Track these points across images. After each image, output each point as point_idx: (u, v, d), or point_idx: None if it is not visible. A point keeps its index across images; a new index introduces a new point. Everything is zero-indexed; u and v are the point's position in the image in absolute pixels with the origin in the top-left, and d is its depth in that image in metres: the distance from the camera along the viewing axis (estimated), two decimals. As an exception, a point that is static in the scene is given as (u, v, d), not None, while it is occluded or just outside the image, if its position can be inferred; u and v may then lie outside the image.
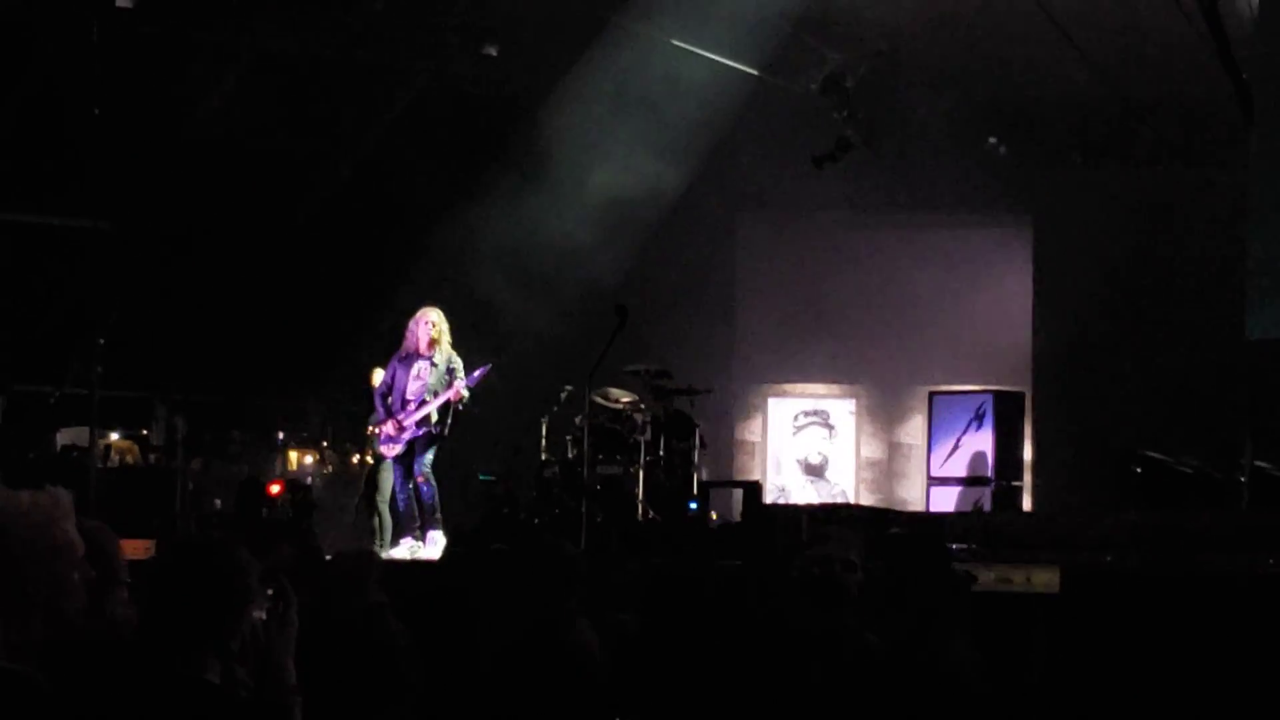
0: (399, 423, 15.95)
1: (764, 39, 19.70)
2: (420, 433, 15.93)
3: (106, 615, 5.66)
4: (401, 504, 16.16)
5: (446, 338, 16.01)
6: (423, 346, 15.94)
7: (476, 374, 15.90)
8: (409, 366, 16.02)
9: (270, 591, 5.54)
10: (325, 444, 20.56)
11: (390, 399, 16.10)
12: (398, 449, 16.04)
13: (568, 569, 7.77)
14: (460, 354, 16.04)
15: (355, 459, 17.54)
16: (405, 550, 15.76)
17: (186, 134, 19.51)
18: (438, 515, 15.92)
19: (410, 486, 16.02)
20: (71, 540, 4.71)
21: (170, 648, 4.80)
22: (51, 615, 4.64)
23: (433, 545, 15.70)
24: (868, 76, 20.12)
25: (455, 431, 16.11)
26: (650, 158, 20.38)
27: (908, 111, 21.04)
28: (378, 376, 17.09)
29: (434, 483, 15.92)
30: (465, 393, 15.76)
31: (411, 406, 15.90)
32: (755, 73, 19.98)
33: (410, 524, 16.00)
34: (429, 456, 15.93)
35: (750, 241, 23.11)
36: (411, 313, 16.24)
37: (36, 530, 4.62)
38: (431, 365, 15.91)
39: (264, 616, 5.49)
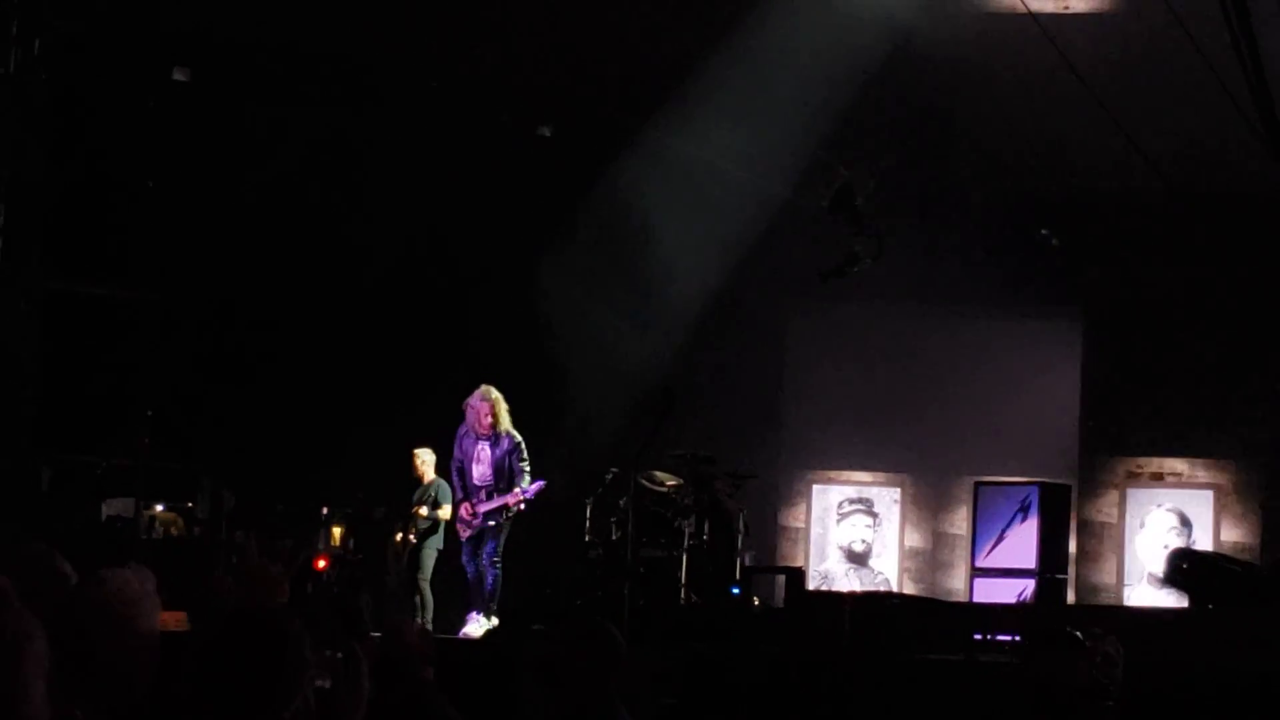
0: (473, 508, 16.19)
1: (785, 152, 19.96)
2: (491, 524, 16.19)
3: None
4: (470, 577, 16.33)
5: (505, 415, 16.21)
6: (482, 427, 16.15)
7: (532, 489, 16.14)
8: (472, 447, 16.29)
9: (340, 655, 5.51)
10: (368, 520, 20.59)
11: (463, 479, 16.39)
12: (469, 533, 16.30)
13: (611, 651, 7.76)
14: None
15: (399, 536, 17.57)
16: (475, 627, 15.88)
17: (238, 205, 19.64)
18: (493, 605, 16.07)
19: (476, 567, 16.26)
20: (154, 628, 4.68)
21: None
22: (122, 695, 4.62)
23: (477, 625, 15.77)
24: (880, 190, 20.21)
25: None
26: (700, 243, 20.51)
27: (957, 202, 21.09)
28: (421, 457, 17.26)
29: (499, 570, 16.13)
30: (523, 505, 16.04)
31: (481, 495, 16.15)
32: (770, 189, 20.24)
33: (478, 601, 16.16)
34: (497, 544, 16.15)
35: (799, 328, 23.11)
36: (464, 391, 16.41)
37: (122, 614, 4.60)
38: (492, 446, 16.11)
39: (328, 684, 5.46)
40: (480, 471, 16.10)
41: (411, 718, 8.14)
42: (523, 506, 16.20)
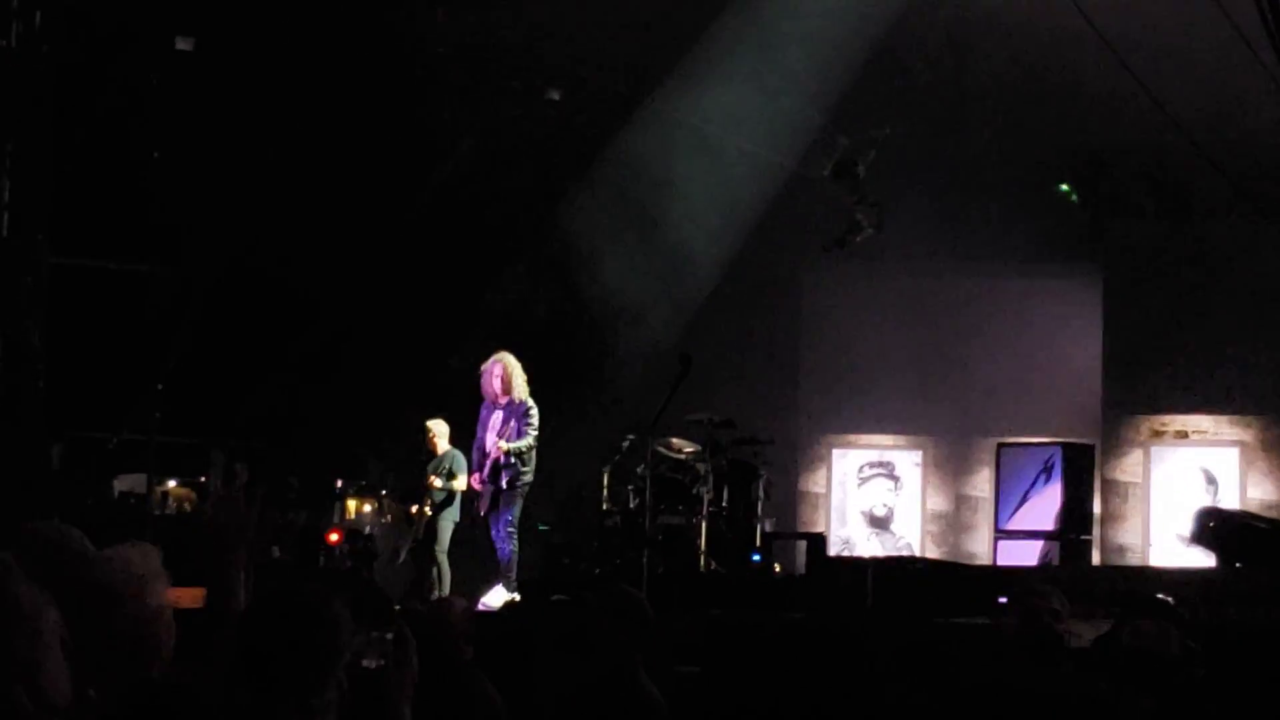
0: (481, 479, 15.98)
1: (788, 123, 19.96)
2: (490, 489, 15.93)
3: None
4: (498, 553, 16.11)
5: (519, 382, 15.95)
6: (496, 395, 15.97)
7: (511, 444, 15.77)
8: (487, 417, 16.04)
9: (390, 636, 5.49)
10: (384, 493, 20.58)
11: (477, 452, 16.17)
12: (485, 506, 16.05)
13: (641, 621, 7.73)
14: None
15: (414, 508, 17.54)
16: (494, 598, 15.75)
17: (248, 174, 19.58)
18: (511, 575, 15.89)
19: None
20: (164, 604, 4.66)
21: (254, 708, 4.70)
22: (134, 673, 4.60)
23: (497, 597, 15.70)
24: (880, 159, 20.21)
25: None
26: (714, 209, 20.48)
27: (977, 159, 21.02)
28: (433, 429, 17.19)
29: (514, 544, 15.84)
30: (506, 445, 15.72)
31: (487, 461, 15.92)
32: (776, 158, 20.22)
33: (503, 575, 16.00)
34: (509, 515, 15.88)
35: (816, 291, 23.07)
36: (481, 361, 16.27)
37: (127, 592, 4.57)
38: (506, 413, 15.89)
39: (375, 665, 5.44)
40: (490, 440, 15.95)
41: (452, 698, 8.07)
42: (508, 447, 15.74)
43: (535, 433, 15.83)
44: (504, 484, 15.81)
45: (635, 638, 7.64)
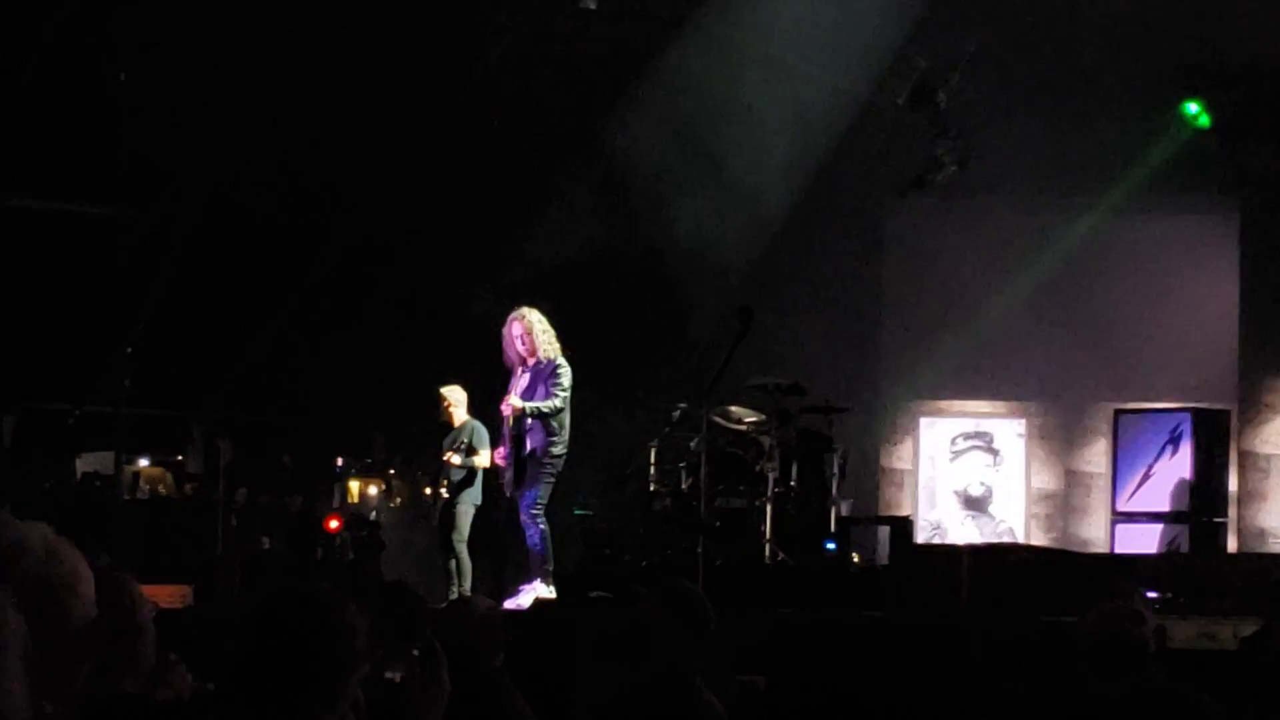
0: (505, 453, 15.90)
1: (859, 42, 19.91)
2: (510, 465, 15.84)
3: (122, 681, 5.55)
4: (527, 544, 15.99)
5: (545, 338, 15.82)
6: (520, 356, 15.86)
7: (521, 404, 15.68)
8: (514, 383, 15.92)
9: (416, 652, 5.47)
10: (392, 472, 20.63)
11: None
12: (509, 487, 15.98)
13: (699, 621, 7.66)
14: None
15: (427, 490, 17.55)
16: (526, 596, 15.66)
17: (233, 95, 19.51)
18: (547, 566, 15.81)
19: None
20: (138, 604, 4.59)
21: None
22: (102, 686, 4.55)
23: (529, 594, 15.64)
24: (967, 81, 20.15)
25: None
26: (784, 131, 20.41)
27: (1089, 75, 20.89)
28: (449, 396, 17.11)
29: (541, 525, 15.74)
30: (519, 402, 15.62)
31: (505, 427, 15.83)
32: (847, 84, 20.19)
33: (534, 566, 15.89)
34: (535, 493, 15.78)
35: (900, 233, 22.98)
36: (500, 318, 16.18)
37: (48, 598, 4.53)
38: (533, 376, 15.79)
39: (398, 678, 5.42)
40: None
41: (478, 713, 7.97)
42: (519, 407, 15.60)
43: (565, 393, 15.70)
44: (527, 453, 15.71)
45: (693, 641, 7.58)
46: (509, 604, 15.51)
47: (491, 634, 8.46)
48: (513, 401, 15.58)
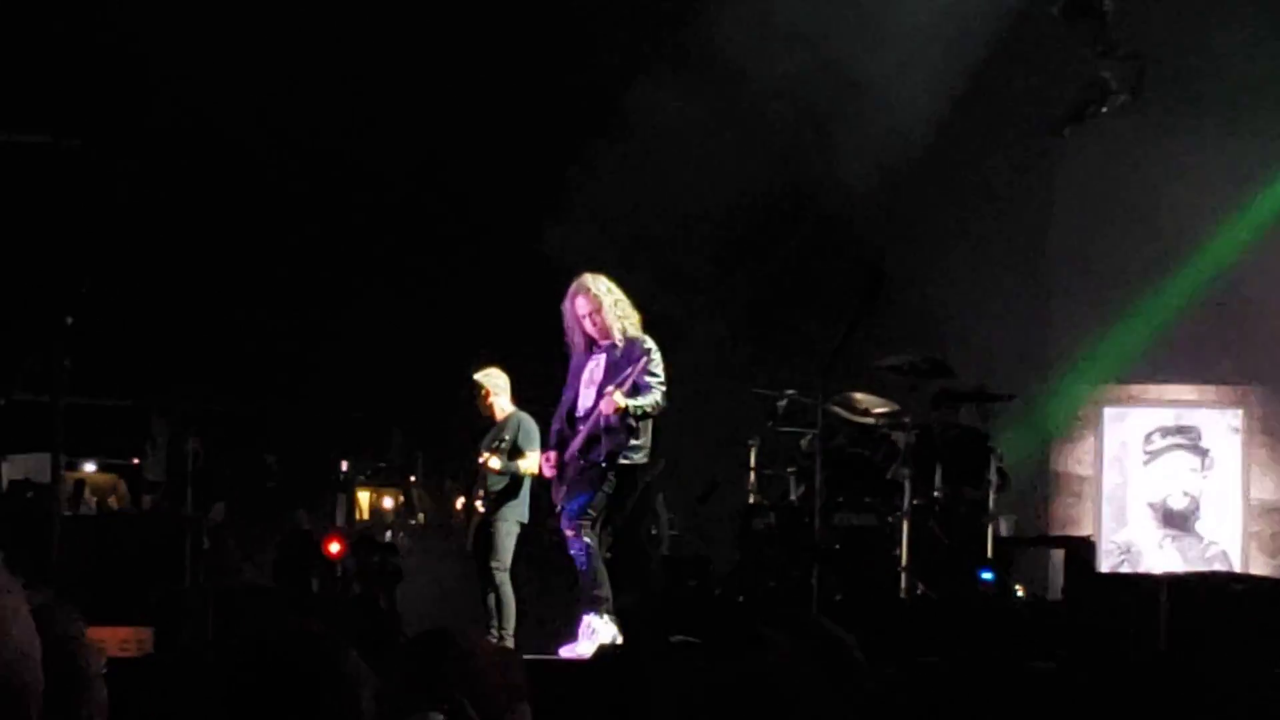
0: (571, 453, 15.94)
1: None
2: (579, 465, 15.91)
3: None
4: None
5: (616, 312, 15.83)
6: (589, 337, 15.90)
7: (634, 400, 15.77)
8: (579, 369, 15.97)
9: (441, 716, 5.59)
10: (412, 479, 20.75)
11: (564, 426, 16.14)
12: (561, 495, 16.04)
13: (852, 672, 7.73)
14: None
15: (459, 502, 17.67)
16: (585, 643, 15.72)
17: (194, 17, 19.70)
18: (598, 593, 15.85)
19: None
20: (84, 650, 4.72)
21: None
22: None
23: (586, 639, 15.74)
24: None
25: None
26: (928, 43, 20.51)
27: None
28: (486, 383, 17.16)
29: (587, 540, 15.80)
30: (624, 400, 15.69)
31: (582, 430, 15.86)
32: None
33: (585, 598, 15.94)
34: (586, 499, 15.82)
35: (1075, 168, 22.99)
36: (558, 291, 16.22)
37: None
38: (609, 359, 15.82)
39: None
40: (589, 397, 15.91)
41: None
42: (624, 405, 15.67)
43: (663, 387, 15.76)
44: (594, 458, 15.79)
45: (841, 705, 7.62)
46: (564, 652, 15.63)
47: (506, 680, 8.57)
48: (617, 399, 15.61)
